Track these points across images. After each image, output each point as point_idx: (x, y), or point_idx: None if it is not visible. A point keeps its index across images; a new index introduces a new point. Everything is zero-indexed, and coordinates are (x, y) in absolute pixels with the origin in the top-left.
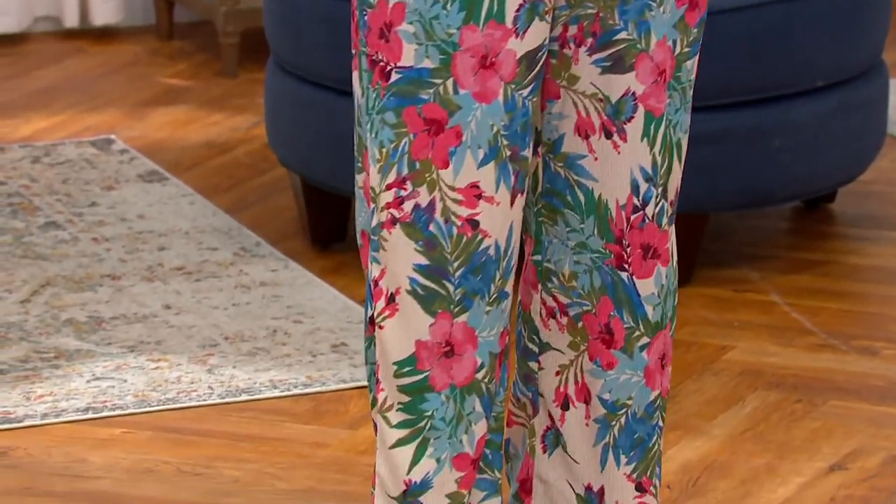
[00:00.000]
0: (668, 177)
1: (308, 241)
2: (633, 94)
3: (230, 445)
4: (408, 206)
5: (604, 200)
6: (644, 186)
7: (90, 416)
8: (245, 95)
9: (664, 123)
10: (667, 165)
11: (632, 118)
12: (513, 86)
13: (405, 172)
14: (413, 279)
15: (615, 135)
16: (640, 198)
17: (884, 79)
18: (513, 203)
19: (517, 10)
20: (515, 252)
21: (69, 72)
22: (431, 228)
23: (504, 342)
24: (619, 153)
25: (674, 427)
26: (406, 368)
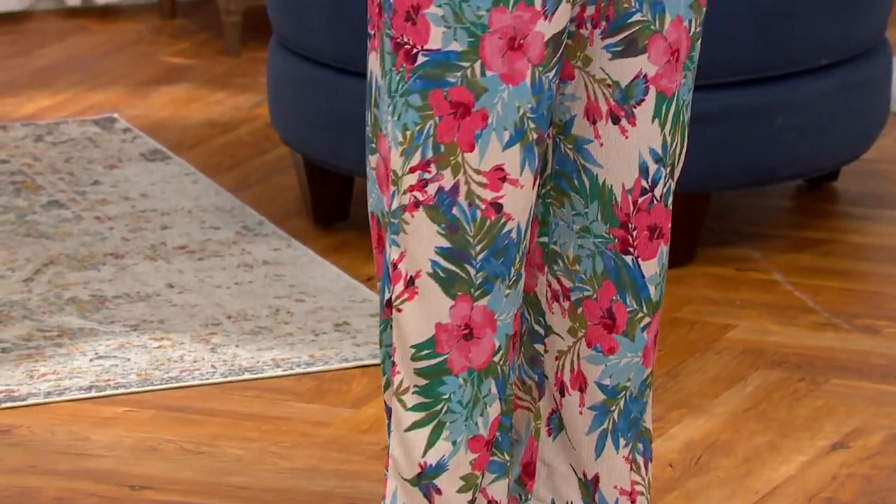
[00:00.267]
0: (676, 157)
1: (310, 220)
2: (645, 77)
3: (233, 424)
4: (431, 189)
5: (608, 186)
6: (653, 168)
7: (93, 395)
8: (247, 74)
9: (675, 103)
10: (675, 145)
11: (642, 101)
12: (540, 68)
13: (430, 155)
14: (435, 262)
15: (623, 119)
16: (649, 180)
17: (887, 57)
18: (534, 185)
19: None
20: (528, 234)
21: (72, 50)
22: (454, 212)
23: (518, 324)
24: (627, 138)
25: (676, 406)
26: (424, 352)
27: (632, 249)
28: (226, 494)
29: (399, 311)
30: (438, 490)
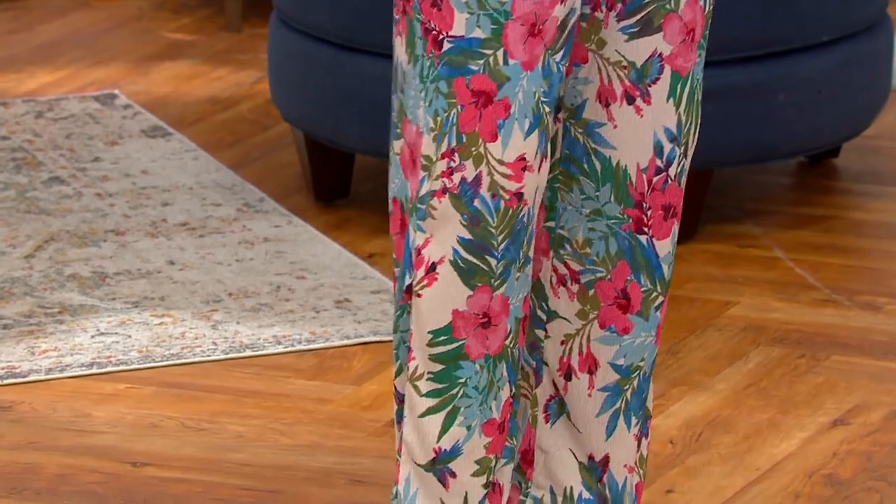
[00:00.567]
0: (691, 136)
1: (311, 197)
2: (660, 56)
3: (234, 401)
4: (456, 178)
5: (622, 166)
6: (668, 147)
7: (94, 372)
8: (249, 51)
9: (689, 83)
10: (690, 124)
11: (657, 80)
12: (550, 52)
13: (454, 144)
14: (456, 251)
15: (638, 99)
16: (664, 159)
17: (888, 34)
18: (540, 168)
19: None
20: (537, 217)
21: (73, 26)
22: (476, 204)
23: (527, 307)
24: (642, 117)
25: (677, 383)
26: (441, 338)
27: (646, 229)
28: (227, 471)
29: (419, 297)
30: (453, 474)
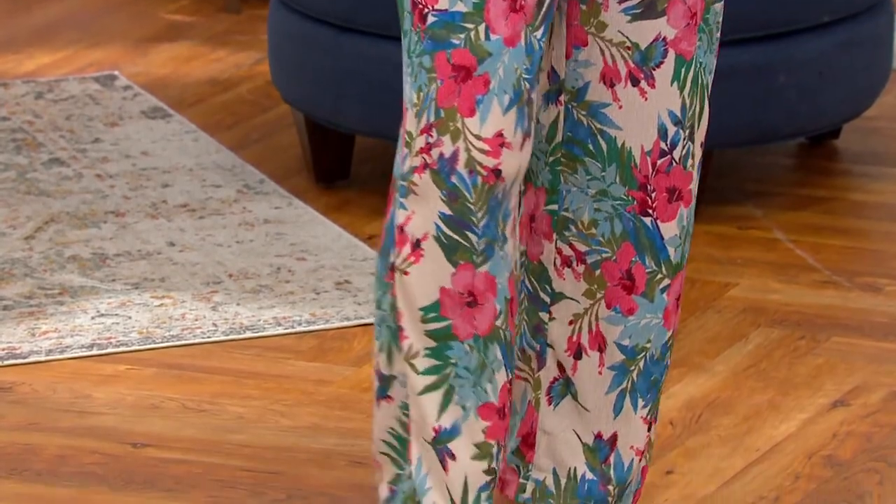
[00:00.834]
0: (696, 119)
1: (312, 179)
2: (664, 40)
3: (234, 382)
4: (435, 154)
5: (627, 148)
6: (672, 130)
7: (95, 353)
8: (248, 32)
9: (694, 66)
10: (695, 108)
11: (661, 63)
12: (530, 28)
13: (432, 119)
14: (438, 226)
15: (642, 81)
16: (668, 142)
17: (889, 14)
18: (522, 146)
19: None
20: (514, 196)
21: (72, 7)
22: (453, 180)
23: (513, 289)
24: (647, 100)
25: (677, 364)
26: (431, 314)
27: (651, 211)
28: (227, 452)
29: (406, 275)
30: (453, 455)
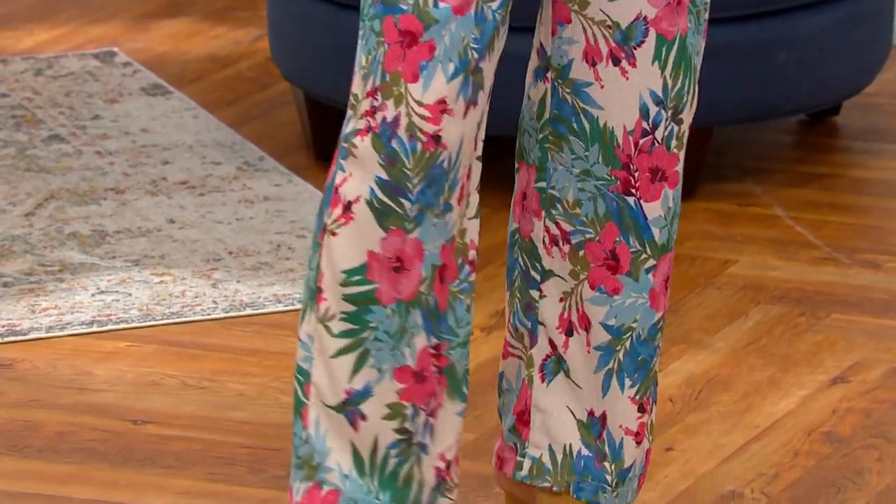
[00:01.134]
0: (680, 100)
1: (311, 156)
2: (644, 19)
3: (234, 359)
4: (378, 118)
5: (609, 128)
6: (654, 110)
7: (95, 330)
8: (248, 8)
9: (676, 46)
10: (678, 88)
11: (642, 42)
12: None
13: (378, 83)
14: (373, 190)
15: (623, 61)
16: (650, 122)
17: None
18: (466, 114)
19: None
20: (464, 166)
21: None
22: (393, 144)
23: (446, 257)
24: (628, 79)
25: (676, 341)
26: (355, 277)
27: (634, 191)
28: (227, 429)
29: (334, 235)
30: (363, 416)
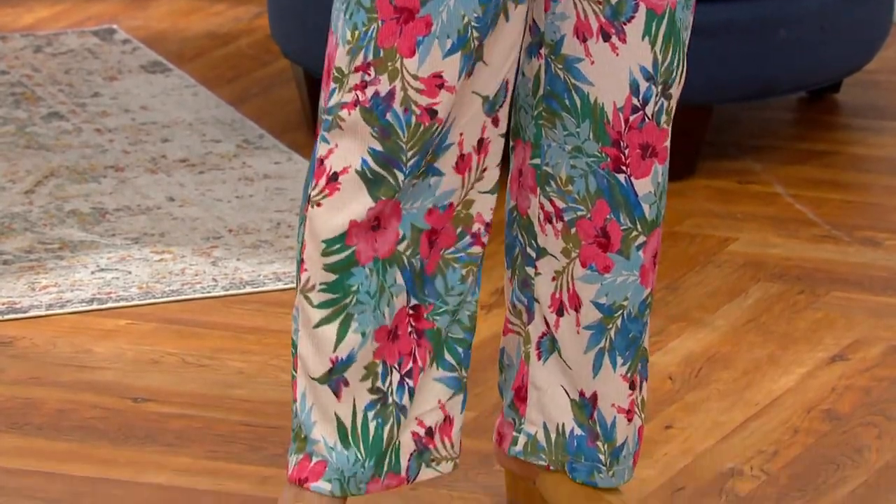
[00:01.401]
0: (669, 75)
1: (311, 134)
2: None
3: (234, 337)
4: (369, 92)
5: (600, 104)
6: (644, 86)
7: (95, 307)
8: None
9: (666, 21)
10: (668, 63)
11: (632, 18)
12: None
13: (370, 58)
14: (365, 161)
15: (613, 36)
16: (640, 97)
17: None
18: (461, 88)
19: None
20: (456, 133)
21: None
22: (388, 117)
23: (433, 220)
24: (618, 55)
25: (676, 319)
26: (335, 246)
27: (624, 168)
28: (227, 407)
29: (318, 206)
30: (346, 382)
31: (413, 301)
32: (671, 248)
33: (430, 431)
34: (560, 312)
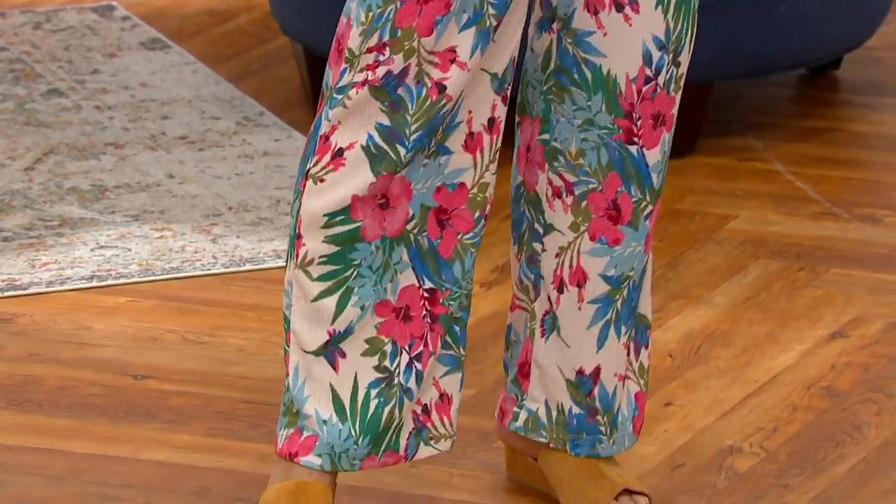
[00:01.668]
0: (679, 42)
1: (311, 111)
2: None
3: (234, 315)
4: (381, 71)
5: (612, 76)
6: (657, 55)
7: (95, 285)
8: None
9: None
10: (679, 31)
11: None
12: None
13: (386, 38)
14: (371, 136)
15: (627, 7)
16: (653, 67)
17: None
18: (474, 66)
19: None
20: (465, 111)
21: None
22: (399, 92)
23: (441, 198)
24: (631, 25)
25: (676, 296)
26: (339, 218)
27: (636, 139)
28: (227, 384)
29: (321, 182)
30: (343, 354)
31: (428, 283)
32: (671, 226)
33: (427, 409)
34: (560, 290)
